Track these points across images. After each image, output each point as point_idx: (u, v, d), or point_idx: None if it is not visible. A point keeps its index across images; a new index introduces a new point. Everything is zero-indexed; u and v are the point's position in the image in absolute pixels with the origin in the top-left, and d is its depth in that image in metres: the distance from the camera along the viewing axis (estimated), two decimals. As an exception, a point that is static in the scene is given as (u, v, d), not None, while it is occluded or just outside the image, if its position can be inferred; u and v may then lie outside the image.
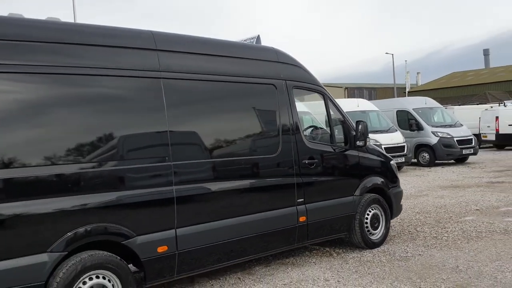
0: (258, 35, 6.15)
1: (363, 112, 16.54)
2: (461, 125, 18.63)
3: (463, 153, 17.63)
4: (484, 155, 20.64)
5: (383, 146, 14.17)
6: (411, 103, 18.95)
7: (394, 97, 42.02)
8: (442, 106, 20.93)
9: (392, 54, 46.70)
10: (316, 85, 6.37)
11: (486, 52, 75.37)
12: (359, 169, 6.60)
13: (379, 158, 6.93)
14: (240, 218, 5.23)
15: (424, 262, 5.98)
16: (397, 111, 18.73)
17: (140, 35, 4.84)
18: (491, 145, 24.73)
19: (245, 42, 6.14)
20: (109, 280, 4.25)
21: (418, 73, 55.60)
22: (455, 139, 17.45)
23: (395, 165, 7.35)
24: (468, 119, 21.73)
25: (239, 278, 5.68)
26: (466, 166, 17.41)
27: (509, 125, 23.06)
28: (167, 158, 4.68)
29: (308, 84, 6.24)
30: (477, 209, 9.20)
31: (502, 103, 24.88)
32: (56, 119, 4.20)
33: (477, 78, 59.91)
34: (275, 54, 5.98)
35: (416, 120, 17.89)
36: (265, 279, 5.62)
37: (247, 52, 5.73)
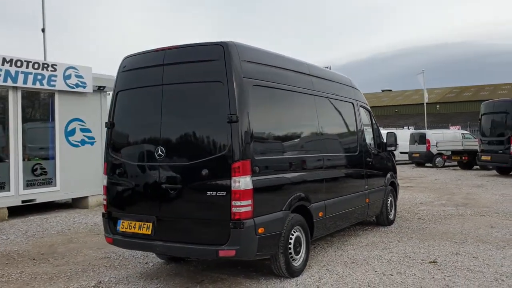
0: (330, 66, 8.36)
1: None
2: None
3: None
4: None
5: None
6: None
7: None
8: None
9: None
10: (367, 104, 8.78)
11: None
12: (386, 166, 9.14)
13: (392, 158, 9.56)
14: (346, 196, 7.33)
15: (437, 230, 8.63)
16: None
17: (302, 65, 6.76)
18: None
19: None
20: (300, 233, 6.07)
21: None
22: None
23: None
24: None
25: (328, 243, 7.71)
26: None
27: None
28: (320, 151, 6.67)
29: (364, 104, 8.63)
30: (421, 203, 12.32)
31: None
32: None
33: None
34: (350, 81, 8.30)
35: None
36: (346, 243, 7.72)
37: (340, 79, 7.97)
